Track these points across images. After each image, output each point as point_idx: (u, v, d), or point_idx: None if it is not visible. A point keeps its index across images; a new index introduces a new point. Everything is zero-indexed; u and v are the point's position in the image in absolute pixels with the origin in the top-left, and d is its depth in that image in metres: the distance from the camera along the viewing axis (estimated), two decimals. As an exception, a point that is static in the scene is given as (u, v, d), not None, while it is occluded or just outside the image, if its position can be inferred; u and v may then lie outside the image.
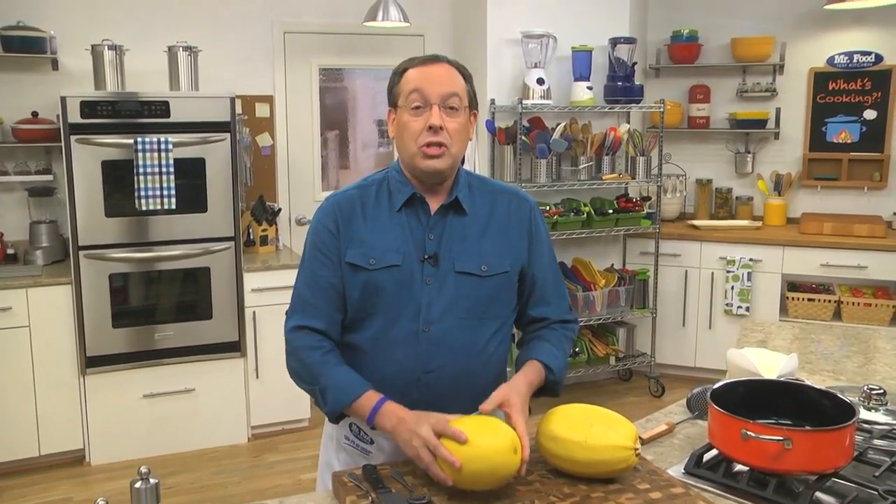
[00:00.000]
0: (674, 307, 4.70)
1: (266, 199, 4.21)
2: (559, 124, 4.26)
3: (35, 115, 3.80)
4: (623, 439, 1.42)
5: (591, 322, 4.38)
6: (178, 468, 3.63)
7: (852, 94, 4.73)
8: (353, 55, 4.59)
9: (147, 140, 3.47)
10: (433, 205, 1.62)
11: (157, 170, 3.49)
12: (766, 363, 1.84)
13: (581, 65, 4.28)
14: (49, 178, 3.87)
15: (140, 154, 3.46)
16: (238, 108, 3.90)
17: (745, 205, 4.99)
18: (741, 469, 1.46)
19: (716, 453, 1.50)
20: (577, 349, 4.37)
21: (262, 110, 4.39)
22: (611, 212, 4.31)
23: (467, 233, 1.61)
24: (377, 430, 1.54)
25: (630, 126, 4.48)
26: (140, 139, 3.46)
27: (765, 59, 4.81)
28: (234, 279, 3.77)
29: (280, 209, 4.29)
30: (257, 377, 3.89)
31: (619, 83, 4.34)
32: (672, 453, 1.62)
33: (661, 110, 4.43)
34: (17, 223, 3.92)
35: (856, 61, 4.69)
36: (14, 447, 3.53)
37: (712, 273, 4.59)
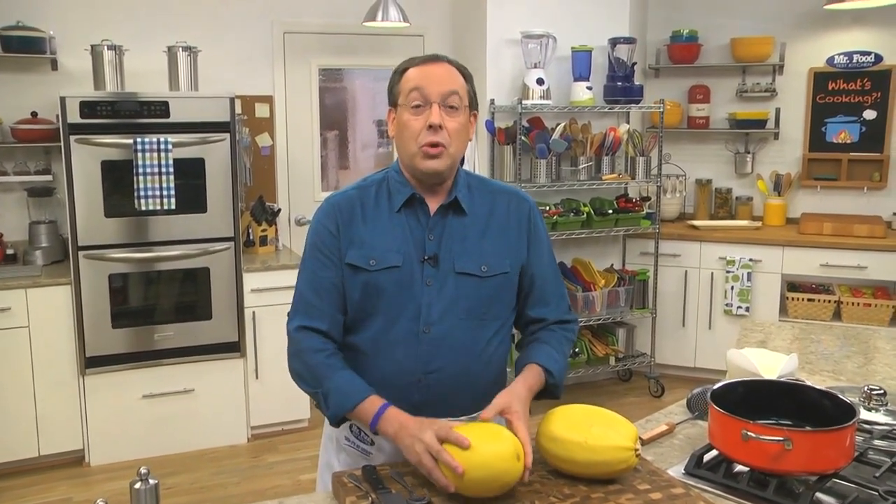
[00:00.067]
0: (673, 307, 4.70)
1: (266, 200, 4.21)
2: (559, 124, 4.26)
3: (34, 115, 3.80)
4: (623, 440, 1.41)
5: (590, 322, 4.37)
6: (177, 469, 3.63)
7: (852, 95, 4.73)
8: (352, 55, 4.59)
9: (146, 140, 3.47)
10: (432, 205, 1.61)
11: (156, 170, 3.49)
12: (766, 363, 1.83)
13: (581, 65, 4.28)
14: (48, 178, 3.87)
15: (139, 154, 3.46)
16: (238, 108, 3.90)
17: (745, 205, 4.99)
18: (741, 469, 1.46)
19: (716, 454, 1.50)
20: (576, 349, 4.37)
21: (261, 110, 4.39)
22: (610, 212, 4.31)
23: (467, 233, 1.61)
24: (380, 436, 1.53)
25: (630, 126, 4.48)
26: (139, 139, 3.46)
27: (764, 60, 4.81)
28: (233, 279, 3.77)
29: (280, 209, 4.28)
30: (257, 377, 3.89)
31: (619, 83, 4.34)
32: (672, 454, 1.62)
33: (661, 110, 4.43)
34: (16, 223, 3.92)
35: (855, 61, 4.69)
36: (14, 447, 3.53)
37: (712, 273, 4.59)
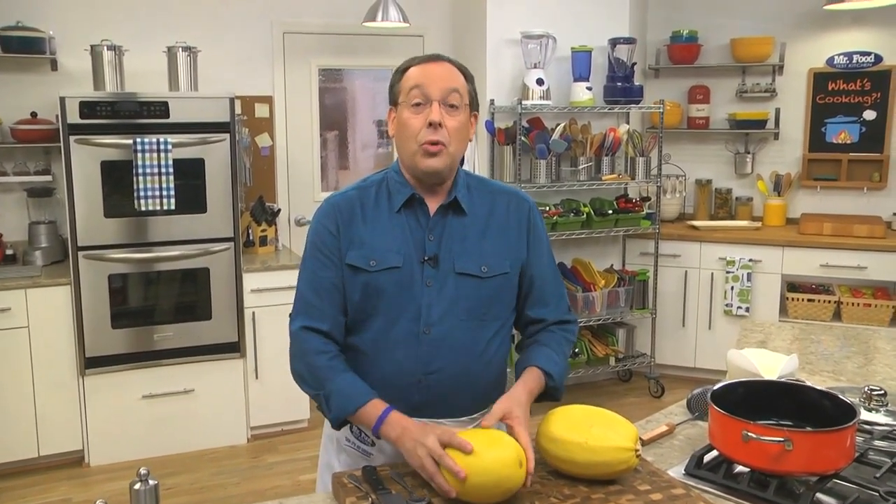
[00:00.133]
0: (673, 308, 4.70)
1: (265, 200, 4.21)
2: (559, 125, 4.26)
3: (34, 115, 3.79)
4: (623, 440, 1.41)
5: (590, 323, 4.37)
6: (177, 469, 3.63)
7: (852, 95, 4.73)
8: (352, 55, 4.59)
9: (146, 140, 3.47)
10: (432, 205, 1.61)
11: (156, 170, 3.49)
12: (766, 364, 1.83)
13: (580, 65, 4.28)
14: (48, 178, 3.86)
15: (139, 154, 3.46)
16: (237, 108, 3.90)
17: (745, 205, 4.98)
18: (742, 470, 1.46)
19: (716, 454, 1.50)
20: (576, 350, 4.36)
21: (261, 111, 4.38)
22: (610, 212, 4.31)
23: (467, 233, 1.61)
24: (382, 439, 1.52)
25: (629, 126, 4.47)
26: (139, 139, 3.46)
27: (764, 60, 4.81)
28: (233, 280, 3.77)
29: (279, 210, 4.28)
30: (257, 378, 3.89)
31: (619, 83, 4.33)
32: (672, 454, 1.62)
33: (661, 111, 4.43)
34: (16, 224, 3.91)
35: (855, 62, 4.69)
36: (13, 448, 3.53)
37: (712, 273, 4.59)
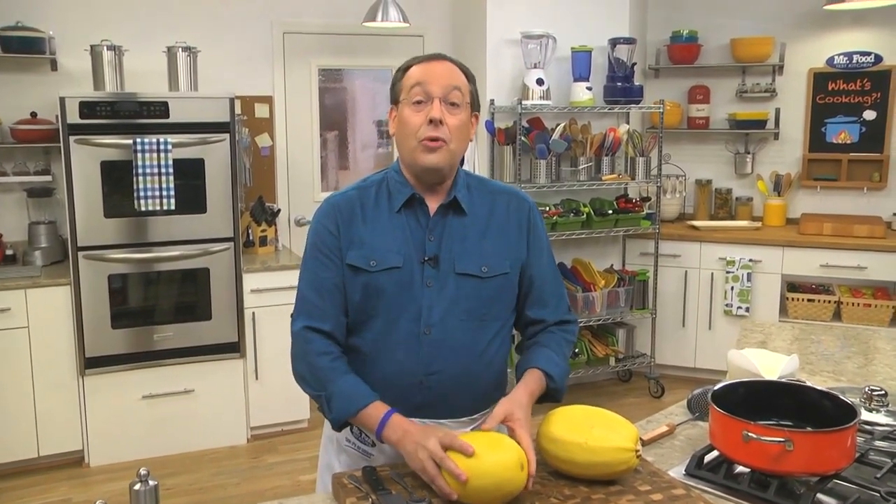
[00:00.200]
0: (673, 308, 4.70)
1: (265, 200, 4.21)
2: (559, 125, 4.25)
3: (34, 115, 3.79)
4: (624, 441, 1.41)
5: (590, 323, 4.37)
6: (177, 469, 3.63)
7: (852, 95, 4.73)
8: (352, 56, 4.58)
9: (146, 140, 3.46)
10: (432, 205, 1.61)
11: (156, 170, 3.49)
12: (766, 364, 1.83)
13: (580, 65, 4.28)
14: (48, 178, 3.86)
15: (139, 154, 3.46)
16: (237, 108, 3.90)
17: (745, 205, 4.98)
18: (742, 470, 1.45)
19: (717, 455, 1.49)
20: (576, 350, 4.36)
21: (261, 111, 4.38)
22: (610, 212, 4.31)
23: (467, 233, 1.61)
24: (384, 443, 1.52)
25: (629, 126, 4.47)
26: (139, 140, 3.45)
27: (764, 60, 4.81)
28: (233, 280, 3.77)
29: (279, 210, 4.28)
30: (257, 378, 3.88)
31: (619, 84, 4.33)
32: (673, 455, 1.61)
33: (661, 111, 4.43)
34: (15, 224, 3.91)
35: (855, 62, 4.69)
36: (13, 448, 3.52)
37: (712, 274, 4.59)
